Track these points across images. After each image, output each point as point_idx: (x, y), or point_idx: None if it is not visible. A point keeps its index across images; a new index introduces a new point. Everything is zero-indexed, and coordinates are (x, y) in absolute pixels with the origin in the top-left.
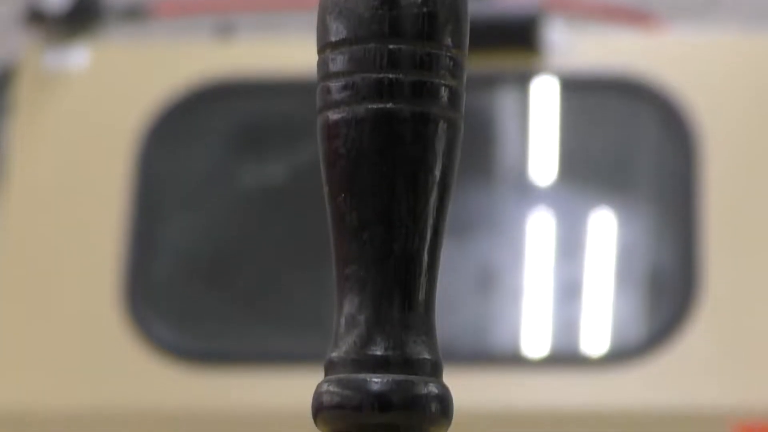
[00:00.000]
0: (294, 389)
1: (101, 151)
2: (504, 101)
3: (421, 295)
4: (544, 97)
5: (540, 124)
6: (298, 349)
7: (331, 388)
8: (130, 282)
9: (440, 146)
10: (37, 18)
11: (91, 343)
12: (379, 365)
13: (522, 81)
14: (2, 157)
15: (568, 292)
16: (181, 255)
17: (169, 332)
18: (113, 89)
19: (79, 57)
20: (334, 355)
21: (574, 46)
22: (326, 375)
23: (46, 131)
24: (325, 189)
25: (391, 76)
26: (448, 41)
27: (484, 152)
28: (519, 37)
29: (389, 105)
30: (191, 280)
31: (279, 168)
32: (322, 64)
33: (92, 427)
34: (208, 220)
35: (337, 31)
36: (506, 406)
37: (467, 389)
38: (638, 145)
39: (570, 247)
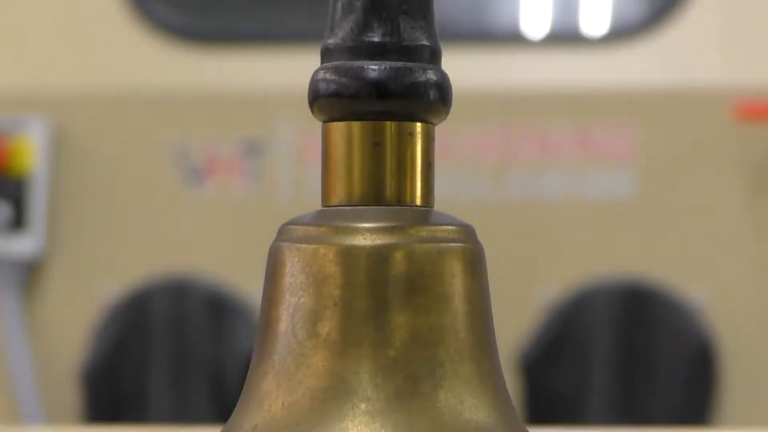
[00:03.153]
0: (293, 70)
1: None
2: None
3: None
4: None
5: None
6: (297, 28)
7: (328, 76)
8: None
9: None
10: None
11: (91, 23)
12: (377, 52)
13: None
14: None
15: None
16: None
17: (169, 12)
18: None
19: None
20: (330, 41)
21: None
22: (322, 62)
23: None
24: None
25: None
26: None
27: None
28: None
29: None
30: None
31: None
32: None
33: (92, 106)
34: None
35: None
36: (506, 86)
37: (467, 68)
38: None
39: None
